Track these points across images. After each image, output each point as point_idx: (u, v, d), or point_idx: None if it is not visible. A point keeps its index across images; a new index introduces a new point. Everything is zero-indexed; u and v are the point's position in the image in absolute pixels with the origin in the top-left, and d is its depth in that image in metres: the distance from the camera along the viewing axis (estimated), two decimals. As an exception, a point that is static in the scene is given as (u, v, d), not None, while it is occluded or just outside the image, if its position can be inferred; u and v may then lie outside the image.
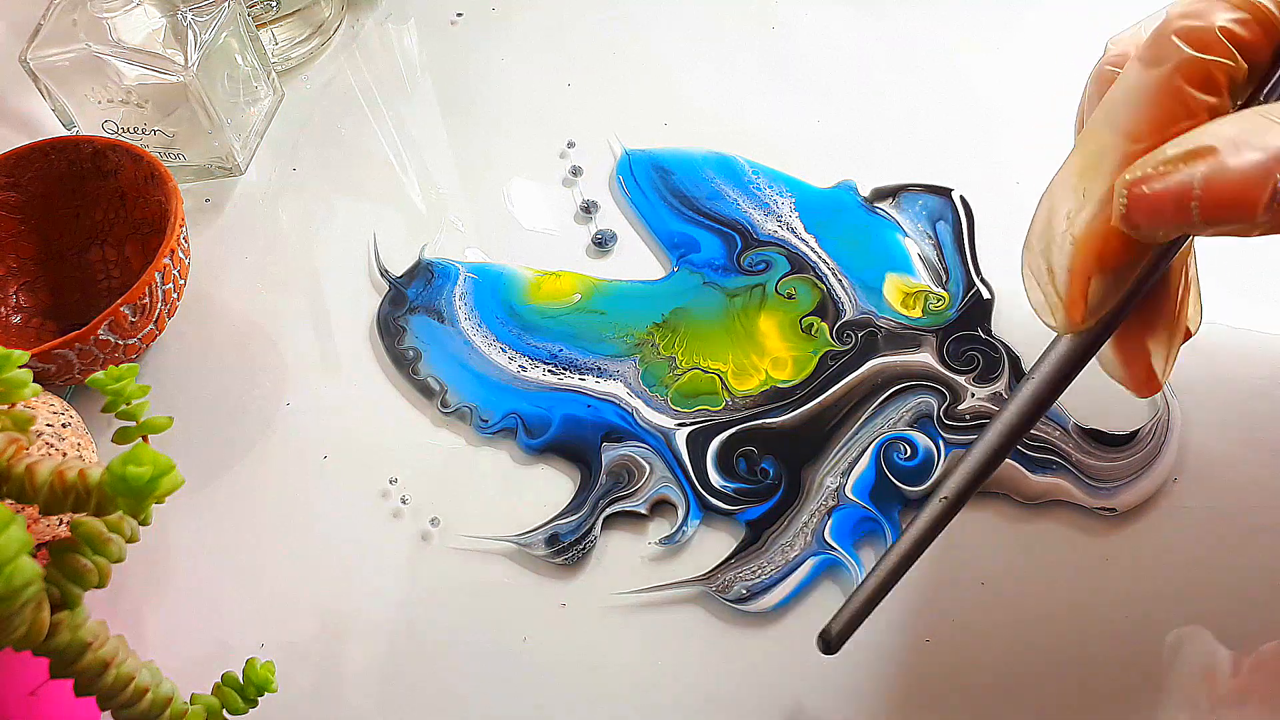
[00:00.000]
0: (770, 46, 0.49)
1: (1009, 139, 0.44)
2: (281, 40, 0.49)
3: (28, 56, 0.41)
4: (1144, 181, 0.20)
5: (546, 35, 0.51)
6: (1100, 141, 0.21)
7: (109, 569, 0.24)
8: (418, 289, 0.41)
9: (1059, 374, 0.24)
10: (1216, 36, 0.20)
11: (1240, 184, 0.19)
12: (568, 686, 0.32)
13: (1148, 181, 0.20)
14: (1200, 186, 0.19)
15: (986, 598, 0.32)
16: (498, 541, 0.34)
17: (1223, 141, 0.19)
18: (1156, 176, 0.20)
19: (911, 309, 0.38)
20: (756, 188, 0.43)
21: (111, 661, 0.24)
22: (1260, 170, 0.18)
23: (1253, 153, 0.19)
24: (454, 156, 0.46)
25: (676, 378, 0.37)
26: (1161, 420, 0.35)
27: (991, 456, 0.25)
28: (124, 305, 0.35)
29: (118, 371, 0.26)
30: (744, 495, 0.34)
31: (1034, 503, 0.34)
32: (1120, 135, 0.21)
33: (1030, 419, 0.25)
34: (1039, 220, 0.23)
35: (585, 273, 0.41)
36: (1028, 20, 0.49)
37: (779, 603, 0.32)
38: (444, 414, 0.37)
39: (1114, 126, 0.21)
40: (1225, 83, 0.20)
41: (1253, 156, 0.18)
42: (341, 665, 0.32)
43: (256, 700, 0.27)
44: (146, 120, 0.43)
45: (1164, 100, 0.21)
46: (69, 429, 0.33)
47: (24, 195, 0.40)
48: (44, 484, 0.24)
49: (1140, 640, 0.31)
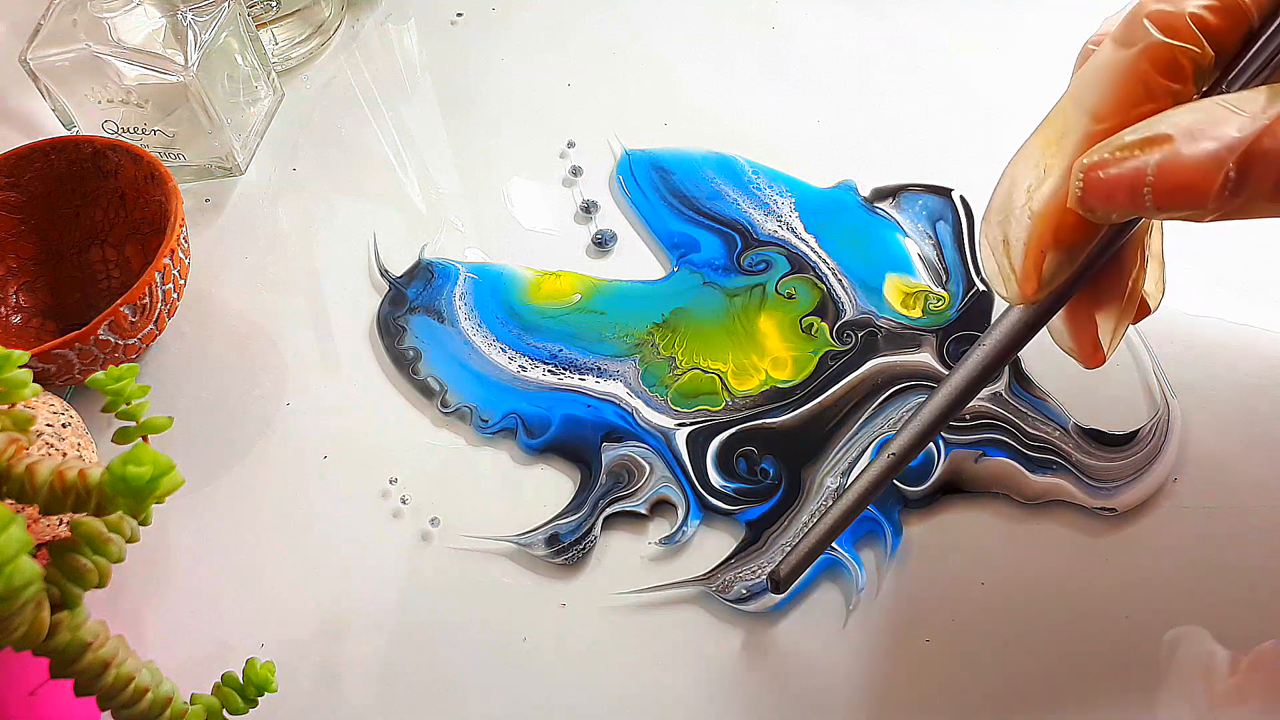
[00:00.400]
0: (770, 46, 0.49)
1: (1009, 139, 0.43)
2: (281, 40, 0.50)
3: (28, 56, 0.41)
4: (1100, 167, 0.20)
5: (546, 35, 0.51)
6: (1065, 118, 0.22)
7: (109, 569, 0.24)
8: (418, 289, 0.41)
9: (1009, 342, 0.25)
10: (1186, 22, 0.21)
11: (1192, 172, 0.19)
12: (568, 686, 0.32)
13: (1103, 167, 0.20)
14: (1154, 173, 0.19)
15: (986, 598, 0.32)
16: (498, 541, 0.34)
17: (1179, 130, 0.19)
18: (1113, 162, 0.20)
19: (911, 309, 0.39)
20: (756, 188, 0.43)
21: (111, 661, 0.24)
22: (1212, 159, 0.19)
23: (1207, 142, 0.19)
24: (454, 156, 0.46)
25: (676, 378, 0.37)
26: (1161, 420, 0.35)
27: (938, 418, 0.27)
28: (124, 305, 0.35)
29: (118, 371, 0.26)
30: (744, 495, 0.34)
31: (1034, 503, 0.34)
32: (1085, 114, 0.22)
33: (978, 384, 0.26)
34: (999, 192, 0.23)
35: (585, 273, 0.41)
36: (1028, 20, 0.49)
37: (779, 603, 0.32)
38: (444, 414, 0.37)
39: (1079, 105, 0.22)
40: (1190, 69, 0.21)
41: (1206, 146, 0.19)
42: (341, 665, 0.32)
43: (256, 700, 0.27)
44: (146, 120, 0.43)
45: (1129, 82, 0.21)
46: (69, 429, 0.33)
47: (24, 195, 0.40)
48: (44, 484, 0.24)
49: (1139, 640, 0.31)
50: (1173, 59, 0.21)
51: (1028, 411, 0.35)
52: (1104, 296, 0.24)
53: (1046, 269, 0.22)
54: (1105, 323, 0.24)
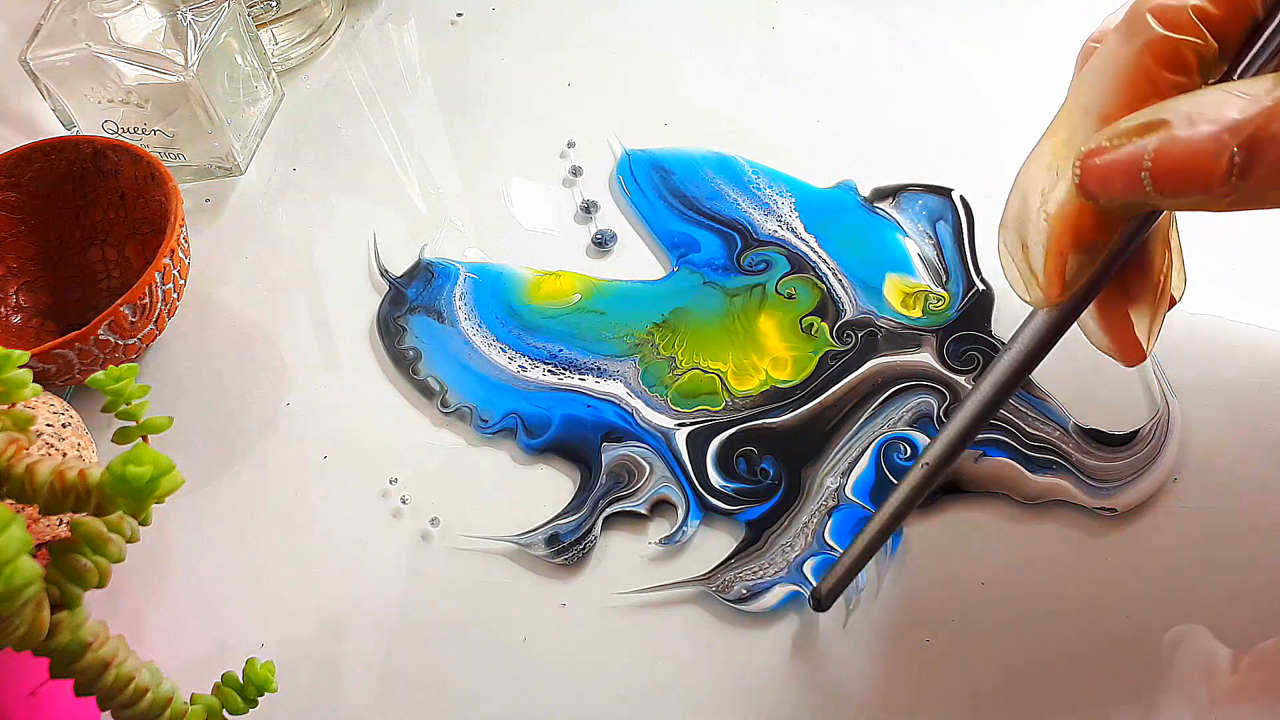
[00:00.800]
0: (770, 46, 0.49)
1: (1009, 139, 0.43)
2: (281, 40, 0.50)
3: (28, 56, 0.41)
4: (1097, 154, 0.20)
5: (546, 35, 0.51)
6: (1072, 120, 0.22)
7: (109, 569, 0.24)
8: (418, 289, 0.41)
9: (1036, 346, 0.25)
10: (1188, 15, 0.21)
11: (1191, 154, 0.19)
12: (568, 686, 0.32)
13: (1100, 153, 0.20)
14: (1151, 157, 0.19)
15: (986, 598, 0.32)
16: (498, 541, 0.34)
17: (1177, 115, 0.19)
18: (1110, 148, 0.20)
19: (911, 309, 0.39)
20: (756, 188, 0.43)
21: (111, 661, 0.24)
22: (1212, 141, 0.19)
23: (1206, 125, 0.19)
24: (454, 156, 0.46)
25: (676, 378, 0.37)
26: (1161, 420, 0.35)
27: (970, 426, 0.27)
28: (124, 305, 0.35)
29: (118, 371, 0.26)
30: (744, 495, 0.34)
31: (1034, 503, 0.34)
32: (1091, 113, 0.21)
33: (1008, 390, 0.26)
34: (1014, 198, 0.23)
35: (585, 273, 0.41)
36: (1028, 20, 0.49)
37: (779, 603, 0.32)
38: (444, 414, 0.37)
39: (1085, 104, 0.22)
40: (1195, 62, 0.21)
41: (1205, 128, 0.19)
42: (341, 665, 0.32)
43: (256, 700, 0.27)
44: (146, 120, 0.43)
45: (1133, 78, 0.21)
46: (69, 429, 0.33)
47: (24, 195, 0.40)
48: (44, 484, 0.24)
49: (1140, 639, 0.31)
50: (1176, 52, 0.21)
51: (1028, 411, 0.35)
52: (1135, 293, 0.24)
53: (1069, 269, 0.22)
54: (1141, 319, 0.24)
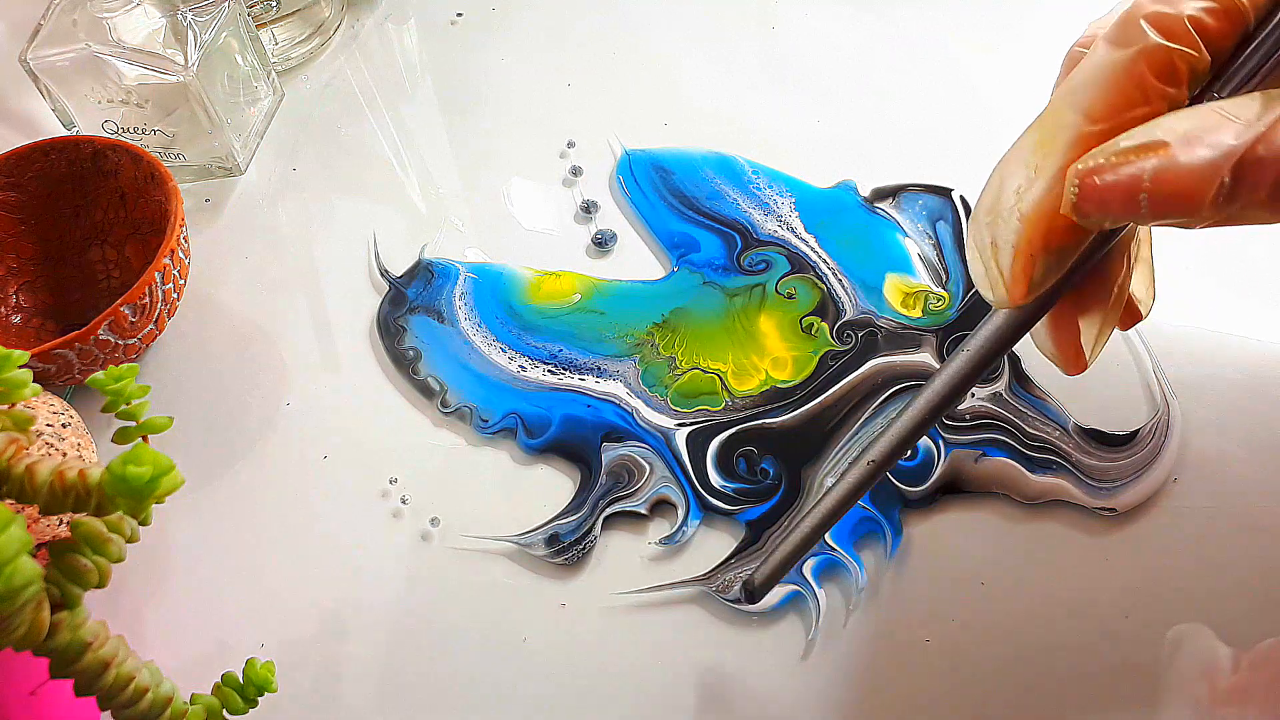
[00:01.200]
0: (770, 46, 0.49)
1: (1009, 139, 0.43)
2: (281, 40, 0.50)
3: (28, 56, 0.41)
4: (1096, 173, 0.20)
5: (546, 35, 0.51)
6: (1058, 119, 0.22)
7: (109, 569, 0.24)
8: (418, 289, 0.41)
9: (994, 347, 0.24)
10: (1184, 25, 0.20)
11: (1189, 180, 0.19)
12: (568, 686, 0.32)
13: (1099, 173, 0.20)
14: (1150, 180, 0.19)
15: (986, 598, 0.32)
16: (498, 541, 0.34)
17: (1175, 137, 0.19)
18: (1108, 168, 0.20)
19: (911, 309, 0.39)
20: (756, 188, 0.43)
21: (111, 661, 0.24)
22: (1209, 167, 0.19)
23: (1203, 150, 0.19)
24: (454, 156, 0.46)
25: (676, 378, 0.37)
26: (1161, 420, 0.35)
27: (918, 425, 0.26)
28: (124, 305, 0.35)
29: (118, 371, 0.26)
30: (744, 495, 0.34)
31: (1034, 503, 0.34)
32: (1078, 114, 0.21)
33: (960, 390, 0.25)
34: (987, 193, 0.23)
35: (585, 273, 0.41)
36: (1028, 20, 0.49)
37: (779, 603, 0.32)
38: (444, 414, 0.37)
39: (1072, 105, 0.21)
40: (1186, 73, 0.21)
41: (1203, 153, 0.19)
42: (341, 665, 0.32)
43: (256, 700, 0.27)
44: (146, 120, 0.43)
45: (1124, 84, 0.21)
46: (69, 429, 0.33)
47: (24, 195, 0.40)
48: (44, 484, 0.24)
49: (1140, 639, 0.31)
50: (1169, 62, 0.20)
51: (1028, 411, 0.35)
52: (1088, 301, 0.24)
53: (1035, 273, 0.22)
54: (1089, 328, 0.24)
